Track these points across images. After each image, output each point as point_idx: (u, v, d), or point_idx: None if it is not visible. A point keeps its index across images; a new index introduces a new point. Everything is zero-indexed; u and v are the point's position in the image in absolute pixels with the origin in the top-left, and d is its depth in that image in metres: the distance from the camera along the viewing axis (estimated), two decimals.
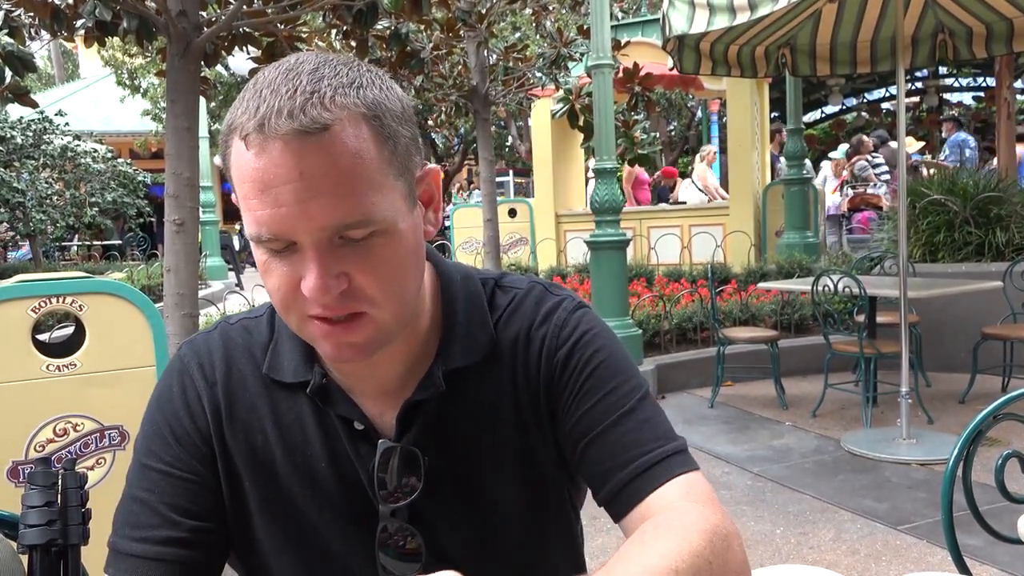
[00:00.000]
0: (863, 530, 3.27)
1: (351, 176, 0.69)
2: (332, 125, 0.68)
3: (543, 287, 0.92)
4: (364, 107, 0.70)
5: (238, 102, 0.73)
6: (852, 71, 5.63)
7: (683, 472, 0.81)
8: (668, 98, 15.86)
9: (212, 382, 0.87)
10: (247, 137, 0.69)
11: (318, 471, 0.85)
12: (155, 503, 0.82)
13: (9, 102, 3.21)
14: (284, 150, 0.68)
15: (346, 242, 0.71)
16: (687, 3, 4.22)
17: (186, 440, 0.85)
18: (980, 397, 4.90)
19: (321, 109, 0.68)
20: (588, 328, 0.88)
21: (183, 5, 2.85)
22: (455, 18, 5.04)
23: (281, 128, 0.67)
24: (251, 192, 0.70)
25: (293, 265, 0.72)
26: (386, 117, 0.72)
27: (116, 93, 15.80)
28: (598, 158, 5.49)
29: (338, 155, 0.68)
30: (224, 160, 0.75)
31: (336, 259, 0.71)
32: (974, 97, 19.21)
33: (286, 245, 0.72)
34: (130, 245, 14.90)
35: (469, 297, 0.89)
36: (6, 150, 11.65)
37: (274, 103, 0.68)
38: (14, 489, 2.02)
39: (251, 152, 0.69)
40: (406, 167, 0.75)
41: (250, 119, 0.69)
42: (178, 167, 2.92)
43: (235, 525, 0.86)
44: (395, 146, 0.73)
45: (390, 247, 0.73)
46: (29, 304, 2.04)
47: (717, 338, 5.30)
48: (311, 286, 0.70)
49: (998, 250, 5.77)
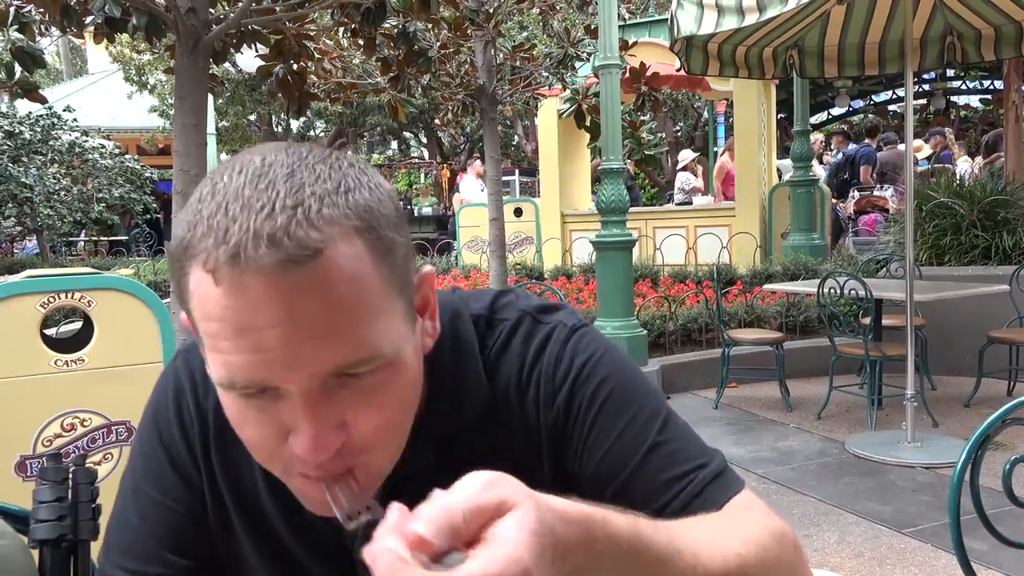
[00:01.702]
0: (867, 533, 3.26)
1: (350, 309, 0.57)
2: (324, 249, 0.55)
3: (532, 316, 0.79)
4: (356, 218, 0.58)
5: (192, 213, 0.58)
6: (860, 73, 5.62)
7: (732, 494, 0.72)
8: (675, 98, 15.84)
9: (204, 409, 0.79)
10: (215, 271, 0.55)
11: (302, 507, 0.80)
12: (146, 536, 0.77)
13: (18, 97, 3.22)
14: (266, 287, 0.54)
15: (344, 382, 0.59)
16: (696, 4, 4.22)
17: (181, 465, 0.79)
18: (985, 401, 4.89)
19: (309, 228, 0.55)
20: (587, 357, 0.76)
21: (192, 2, 2.86)
22: (463, 17, 5.04)
23: (261, 260, 0.54)
24: (221, 333, 0.57)
25: (276, 414, 0.60)
26: (381, 226, 0.60)
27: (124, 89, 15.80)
28: (604, 158, 5.48)
29: (333, 285, 0.56)
30: (177, 284, 0.60)
31: (332, 405, 0.59)
32: (981, 100, 19.17)
33: (262, 390, 0.59)
34: (136, 241, 14.94)
35: (458, 346, 0.76)
36: (14, 145, 11.68)
37: (248, 224, 0.55)
38: (22, 483, 2.03)
39: (220, 289, 0.55)
40: (405, 281, 0.63)
41: (217, 245, 0.55)
42: (186, 164, 2.93)
43: (226, 556, 0.81)
44: (393, 260, 0.61)
45: (395, 381, 0.62)
46: (38, 299, 2.05)
47: (722, 339, 5.30)
48: (306, 446, 0.59)
49: (1005, 253, 5.76)
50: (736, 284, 7.25)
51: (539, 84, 6.10)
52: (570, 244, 10.32)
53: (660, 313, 6.26)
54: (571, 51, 5.72)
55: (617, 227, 5.52)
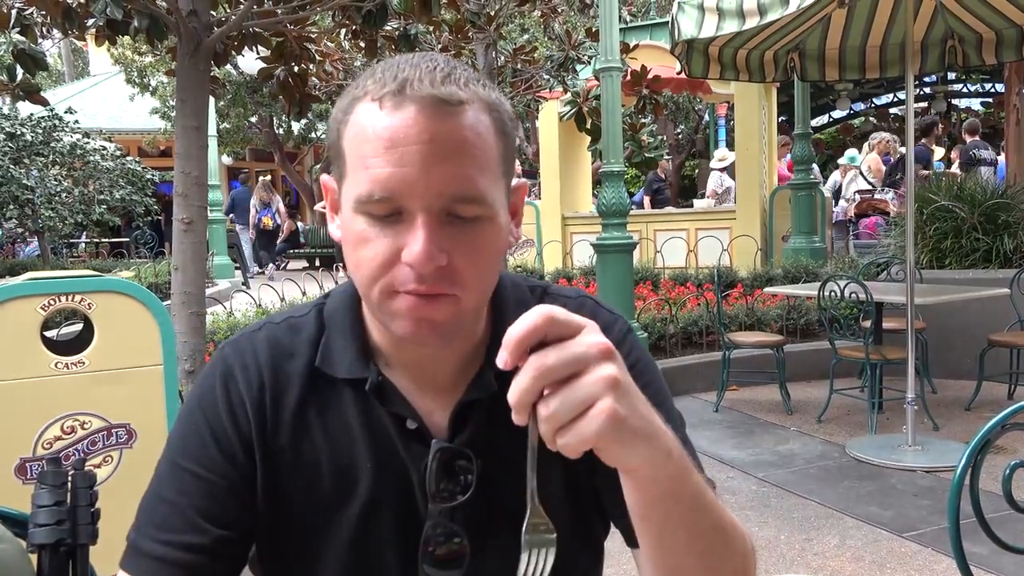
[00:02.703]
0: (868, 537, 3.26)
1: (475, 152, 0.72)
2: (466, 103, 0.72)
3: (593, 301, 0.94)
4: (491, 100, 0.75)
5: (363, 79, 0.76)
6: (861, 76, 5.62)
7: None
8: (676, 101, 15.86)
9: (257, 386, 0.85)
10: (382, 98, 0.72)
11: (362, 472, 0.84)
12: (184, 507, 0.81)
13: (20, 99, 3.23)
14: (420, 112, 0.70)
15: (454, 220, 0.73)
16: (697, 7, 4.22)
17: (226, 444, 0.84)
18: (986, 404, 4.88)
19: (459, 87, 0.72)
20: (639, 357, 0.89)
21: (194, 5, 2.87)
22: (464, 19, 5.04)
23: (422, 91, 0.70)
24: (374, 150, 0.71)
25: (396, 234, 0.72)
26: (504, 116, 0.77)
27: (125, 91, 15.83)
28: (605, 161, 5.48)
29: (468, 129, 0.72)
30: (335, 134, 0.77)
31: (443, 233, 0.72)
32: (982, 103, 19.19)
33: (391, 212, 0.72)
34: (136, 242, 14.94)
35: (518, 303, 0.88)
36: (16, 147, 11.69)
37: (415, 74, 0.72)
38: (21, 486, 2.03)
39: (384, 111, 0.71)
40: (509, 169, 0.78)
41: (387, 84, 0.72)
42: (187, 166, 2.94)
43: (269, 531, 0.85)
44: (507, 144, 0.77)
45: (491, 234, 0.75)
46: (39, 302, 2.05)
47: (723, 342, 5.30)
48: (416, 252, 0.70)
49: (1006, 257, 5.75)
50: (737, 287, 7.26)
51: (540, 87, 6.11)
52: (571, 246, 10.32)
53: (661, 316, 6.26)
54: (572, 54, 5.74)
55: (618, 230, 5.52)
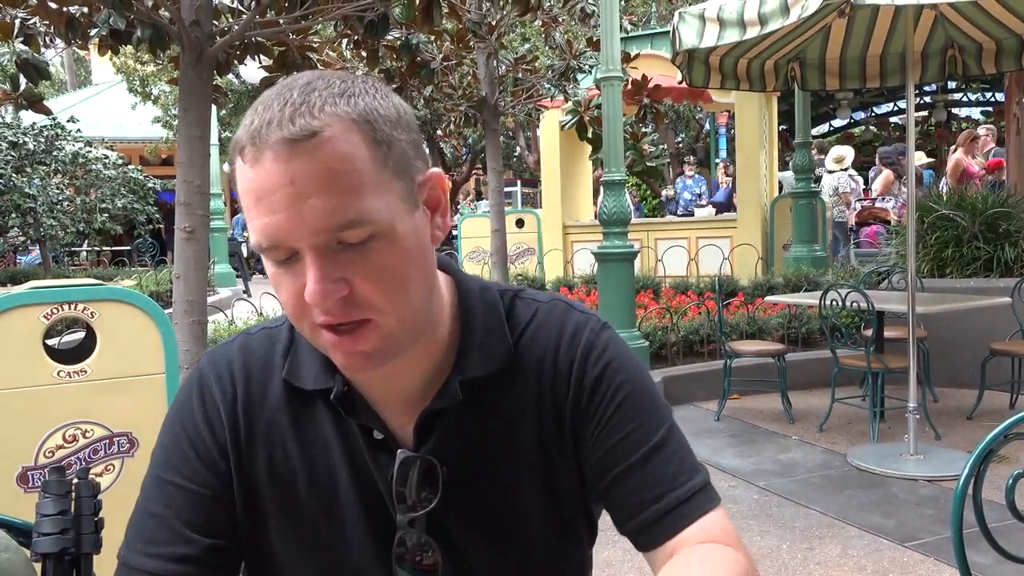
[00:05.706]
0: (870, 546, 3.25)
1: (343, 178, 0.70)
2: (320, 131, 0.69)
3: (565, 303, 0.92)
4: (355, 114, 0.72)
5: (241, 123, 0.76)
6: (861, 85, 5.63)
7: (711, 508, 0.83)
8: (676, 110, 15.89)
9: (231, 396, 0.87)
10: (243, 151, 0.72)
11: (338, 481, 0.85)
12: (171, 519, 0.82)
13: (23, 108, 3.24)
14: (275, 158, 0.69)
15: (345, 247, 0.71)
16: (697, 17, 4.23)
17: (205, 454, 0.85)
18: (988, 413, 4.88)
19: (309, 118, 0.70)
20: (616, 355, 0.88)
21: (196, 15, 2.88)
22: (465, 29, 5.06)
23: (270, 138, 0.69)
24: (250, 203, 0.72)
25: (295, 275, 0.73)
26: (378, 123, 0.73)
27: (127, 100, 15.89)
28: (606, 170, 5.50)
29: (326, 159, 0.69)
30: (233, 181, 0.77)
31: (335, 264, 0.71)
32: (983, 112, 19.19)
33: (289, 255, 0.72)
34: (138, 251, 14.96)
35: (487, 308, 0.88)
36: (18, 156, 11.73)
37: (266, 117, 0.71)
38: (23, 495, 2.03)
39: (247, 164, 0.71)
40: (403, 169, 0.75)
41: (245, 134, 0.72)
42: (189, 175, 2.94)
43: (249, 540, 0.86)
44: (389, 149, 0.73)
45: (389, 250, 0.73)
46: (41, 311, 2.06)
47: (724, 351, 5.29)
48: (310, 291, 0.71)
49: (1007, 266, 5.75)
50: (738, 295, 7.25)
51: (541, 96, 6.12)
52: (572, 255, 10.33)
53: (662, 324, 6.25)
54: (573, 63, 5.76)
55: (619, 238, 5.52)
